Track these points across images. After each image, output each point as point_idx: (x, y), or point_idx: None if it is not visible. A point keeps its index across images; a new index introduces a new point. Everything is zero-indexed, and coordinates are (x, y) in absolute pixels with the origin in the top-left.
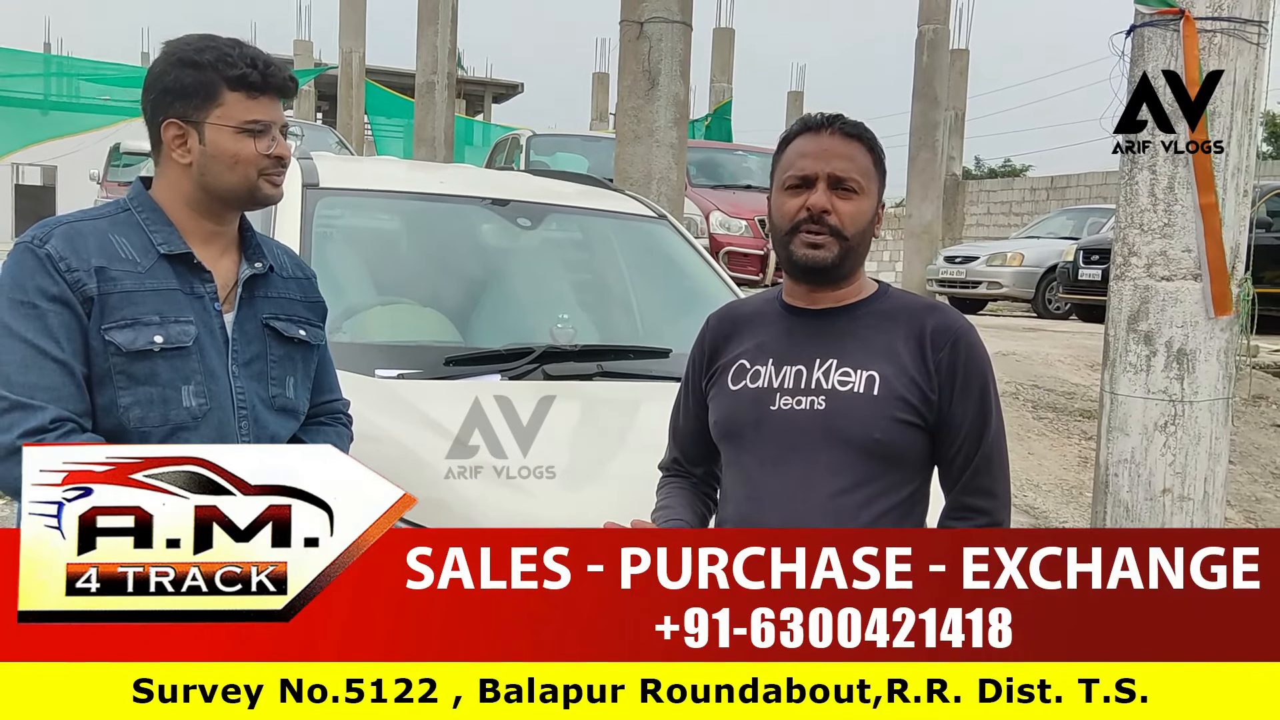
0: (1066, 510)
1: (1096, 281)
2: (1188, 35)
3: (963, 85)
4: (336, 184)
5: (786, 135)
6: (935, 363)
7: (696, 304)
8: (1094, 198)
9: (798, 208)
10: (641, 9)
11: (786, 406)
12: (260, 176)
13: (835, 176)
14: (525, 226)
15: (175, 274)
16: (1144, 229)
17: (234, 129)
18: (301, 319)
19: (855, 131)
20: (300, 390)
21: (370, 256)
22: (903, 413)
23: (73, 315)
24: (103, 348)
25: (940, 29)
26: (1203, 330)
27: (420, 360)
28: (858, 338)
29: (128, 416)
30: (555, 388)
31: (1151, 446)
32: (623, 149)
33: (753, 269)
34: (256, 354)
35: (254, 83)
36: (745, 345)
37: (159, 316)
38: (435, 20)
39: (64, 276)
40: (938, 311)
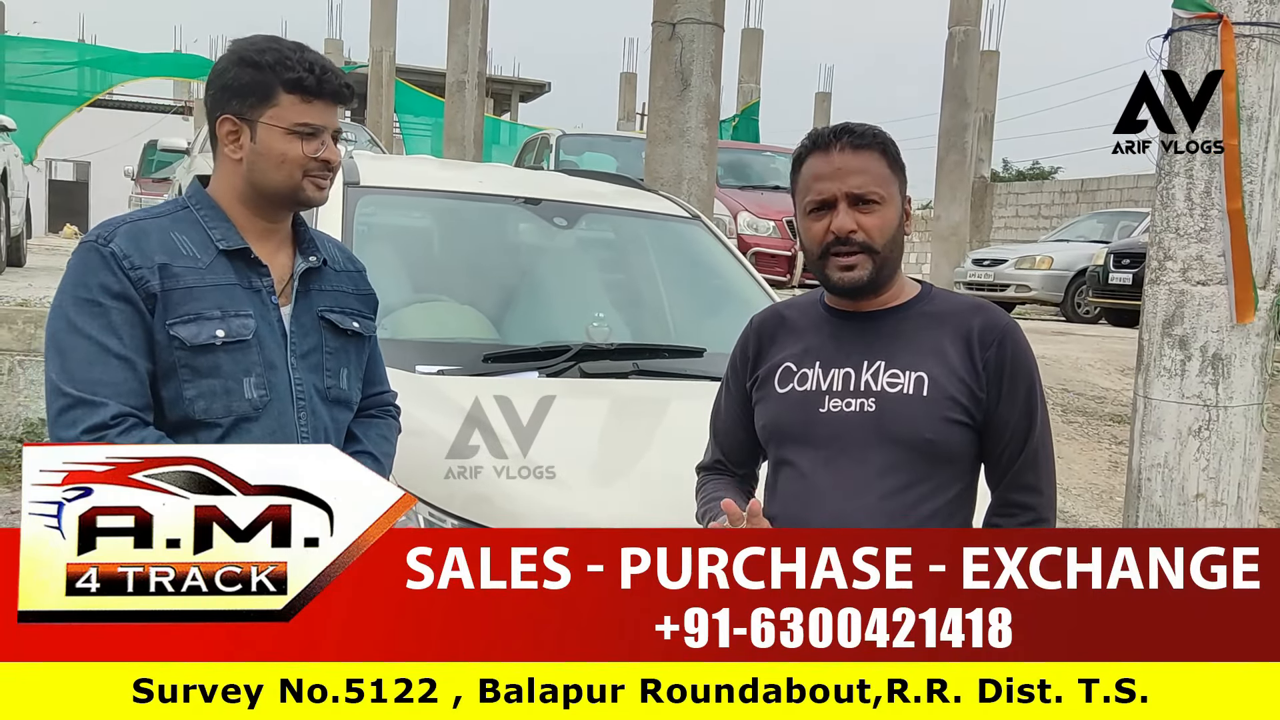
0: (1096, 514)
1: (1127, 285)
2: (1225, 40)
3: (992, 87)
4: (377, 182)
5: (798, 155)
6: (983, 361)
7: (729, 304)
8: (1125, 201)
9: (823, 232)
10: (674, 10)
11: (836, 409)
12: (305, 178)
13: (853, 194)
14: (561, 226)
15: (233, 269)
16: (1180, 233)
17: (284, 130)
18: (354, 311)
19: (865, 141)
20: (353, 381)
21: (409, 254)
22: (952, 412)
23: (135, 312)
24: (167, 342)
25: (971, 30)
26: (1238, 335)
27: (459, 357)
28: (904, 339)
29: (193, 408)
30: (590, 385)
31: (1185, 451)
32: (653, 149)
33: (780, 269)
34: (313, 346)
35: (309, 87)
36: (790, 348)
37: (220, 311)
38: (466, 20)
39: (127, 274)
40: (984, 310)
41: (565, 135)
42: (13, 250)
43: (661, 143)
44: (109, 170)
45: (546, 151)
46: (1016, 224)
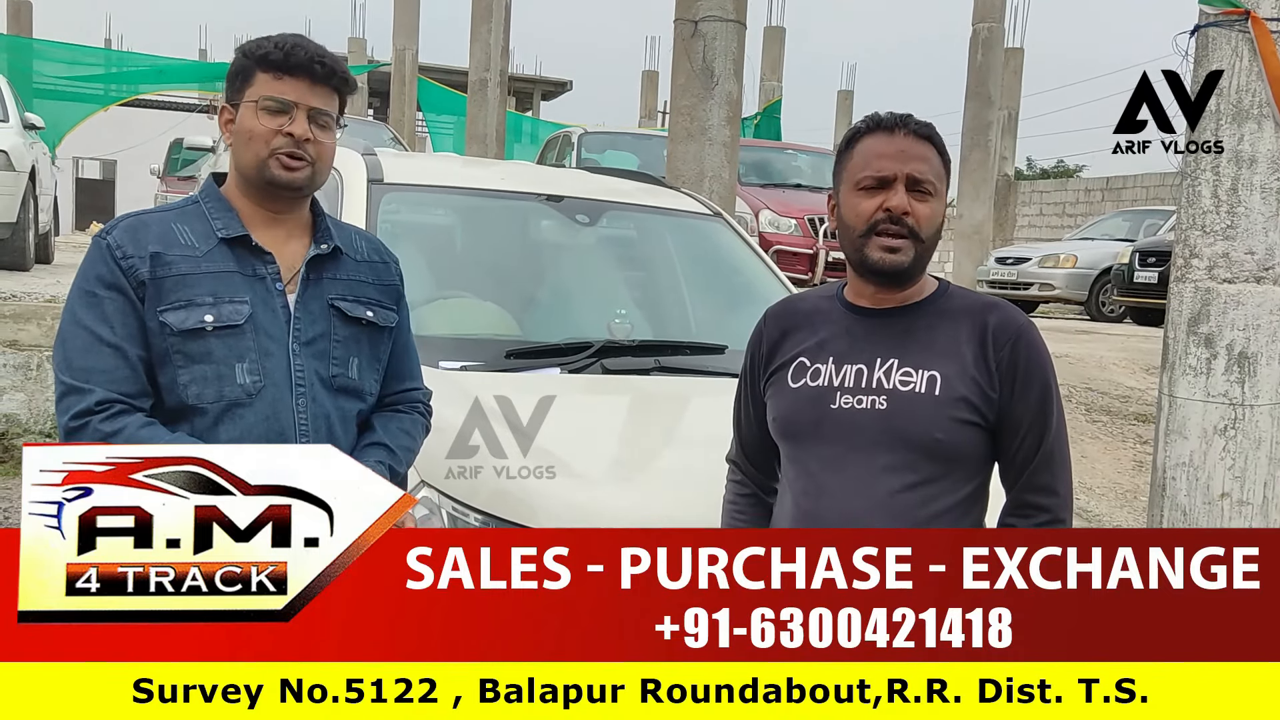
0: (1120, 514)
1: (1153, 284)
2: (1260, 35)
3: (1016, 84)
4: (400, 179)
5: (854, 133)
6: (996, 361)
7: (751, 301)
8: (1150, 199)
9: (874, 208)
10: (696, 8)
11: (847, 405)
12: (272, 156)
13: (913, 178)
14: (584, 223)
15: (234, 257)
16: (1206, 230)
17: (254, 106)
18: (371, 300)
19: (927, 132)
20: (366, 372)
21: (432, 251)
22: (964, 412)
23: (127, 300)
24: (159, 329)
25: (995, 27)
26: (1265, 333)
27: (481, 353)
28: (919, 337)
29: (187, 393)
30: (612, 382)
31: (1211, 450)
32: (675, 147)
33: (801, 267)
34: (319, 333)
35: (275, 61)
36: (805, 342)
37: (212, 297)
38: (488, 19)
39: (119, 264)
40: (999, 309)
41: (587, 133)
42: (41, 248)
43: (683, 140)
44: (135, 168)
45: (568, 149)
46: (1040, 222)
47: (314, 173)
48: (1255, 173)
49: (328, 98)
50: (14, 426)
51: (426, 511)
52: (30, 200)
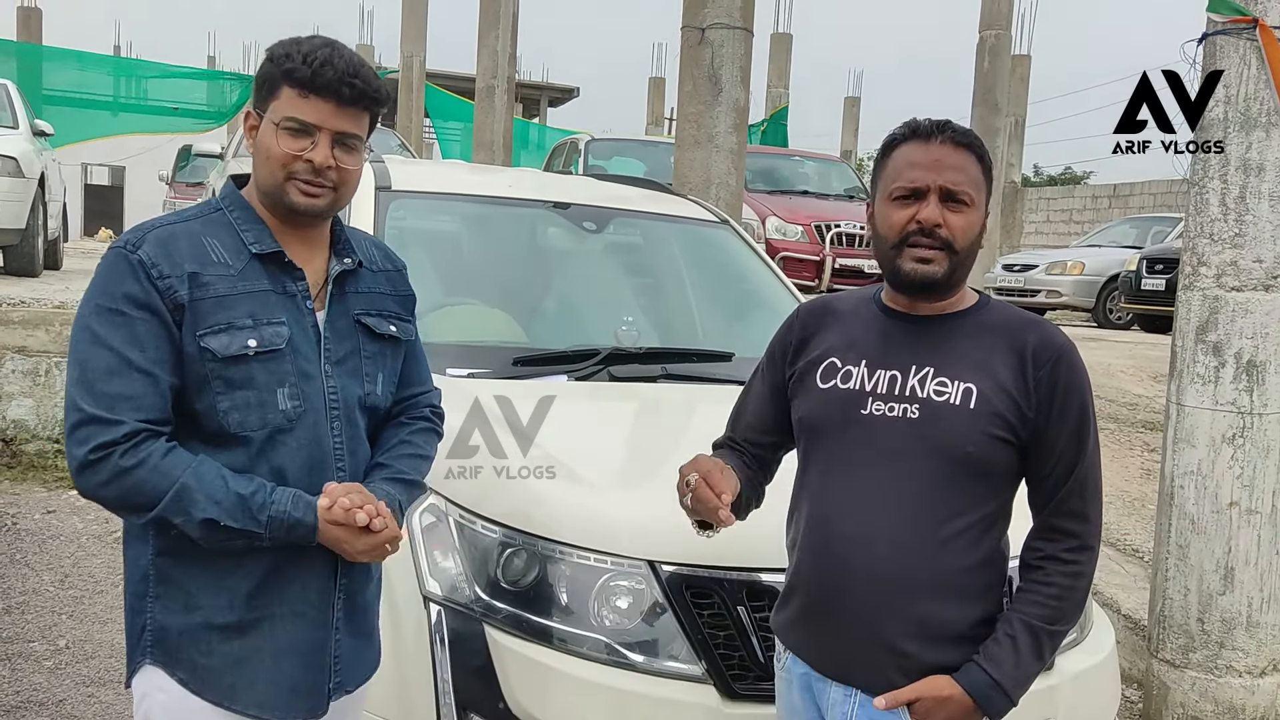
0: (1128, 522)
1: (1160, 291)
2: (1268, 43)
3: (1023, 91)
4: (408, 187)
5: (891, 140)
6: (1035, 380)
7: (758, 309)
8: (1158, 206)
9: (907, 220)
10: (703, 15)
11: (879, 412)
12: (288, 180)
13: (947, 189)
14: (590, 230)
15: (267, 274)
16: (1214, 239)
17: (275, 124)
18: (392, 314)
19: (966, 140)
20: (386, 387)
21: (439, 258)
22: (997, 429)
23: (161, 324)
24: (198, 354)
25: (1002, 34)
26: (1273, 341)
27: (489, 361)
28: (956, 348)
29: (228, 420)
30: (618, 389)
31: (1219, 459)
32: (682, 154)
33: (808, 274)
34: (349, 351)
35: (300, 79)
36: (836, 341)
37: (252, 320)
38: (496, 26)
39: (155, 284)
40: (1041, 328)
41: (594, 140)
42: (50, 253)
43: (690, 147)
44: (144, 174)
45: (575, 156)
46: (1047, 229)
47: (335, 199)
48: (1264, 180)
49: (356, 119)
50: (23, 432)
51: (433, 519)
52: (40, 206)
